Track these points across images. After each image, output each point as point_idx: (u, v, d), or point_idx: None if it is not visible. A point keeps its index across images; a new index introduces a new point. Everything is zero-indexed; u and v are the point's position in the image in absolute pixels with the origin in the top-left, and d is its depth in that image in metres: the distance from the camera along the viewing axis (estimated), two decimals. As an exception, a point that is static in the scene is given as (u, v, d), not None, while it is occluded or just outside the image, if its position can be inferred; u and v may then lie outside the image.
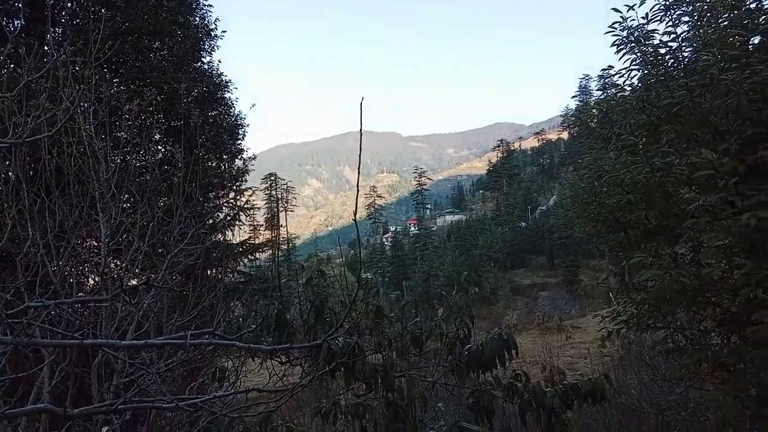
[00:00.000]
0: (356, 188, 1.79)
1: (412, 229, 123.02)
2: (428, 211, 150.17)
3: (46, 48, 8.58)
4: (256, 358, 3.27)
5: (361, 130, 1.59)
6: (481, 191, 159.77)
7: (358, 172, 1.86)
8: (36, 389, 4.71)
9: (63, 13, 8.82)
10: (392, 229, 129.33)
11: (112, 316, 5.28)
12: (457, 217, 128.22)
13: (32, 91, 6.16)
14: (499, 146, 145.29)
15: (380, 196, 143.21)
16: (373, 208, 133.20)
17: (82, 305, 6.98)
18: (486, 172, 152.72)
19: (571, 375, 12.11)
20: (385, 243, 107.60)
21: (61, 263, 5.32)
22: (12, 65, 7.59)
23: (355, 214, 1.67)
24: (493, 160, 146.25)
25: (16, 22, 8.58)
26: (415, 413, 3.32)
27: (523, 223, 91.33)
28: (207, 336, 2.05)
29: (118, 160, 6.31)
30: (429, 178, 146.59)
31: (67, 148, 5.53)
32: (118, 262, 6.51)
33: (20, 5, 7.96)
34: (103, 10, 9.49)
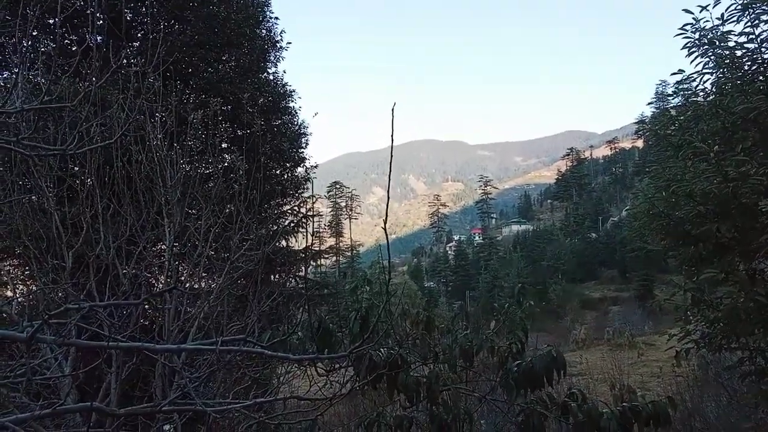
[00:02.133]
0: (386, 194, 1.74)
1: (477, 238, 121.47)
2: (494, 220, 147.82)
3: (125, 61, 9.10)
4: (301, 366, 3.28)
5: (392, 135, 1.55)
6: (549, 201, 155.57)
7: (389, 181, 1.82)
8: (104, 387, 4.95)
9: (139, 28, 9.35)
10: (456, 238, 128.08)
11: (175, 318, 5.49)
12: (523, 227, 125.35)
13: (108, 102, 6.53)
14: (568, 155, 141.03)
15: (444, 205, 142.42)
16: (436, 217, 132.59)
17: (150, 306, 7.30)
18: (554, 181, 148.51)
19: (642, 395, 11.44)
20: (449, 252, 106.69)
21: (130, 266, 5.60)
22: (93, 78, 8.08)
23: (384, 223, 1.62)
24: (562, 169, 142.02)
25: (97, 37, 9.15)
26: (460, 429, 3.21)
27: (594, 234, 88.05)
28: (238, 343, 2.06)
29: (186, 168, 6.58)
30: (495, 187, 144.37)
31: (137, 156, 5.82)
32: (184, 265, 6.77)
33: (101, 22, 8.49)
34: (175, 25, 9.98)
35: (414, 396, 3.18)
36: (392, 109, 1.63)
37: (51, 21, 8.16)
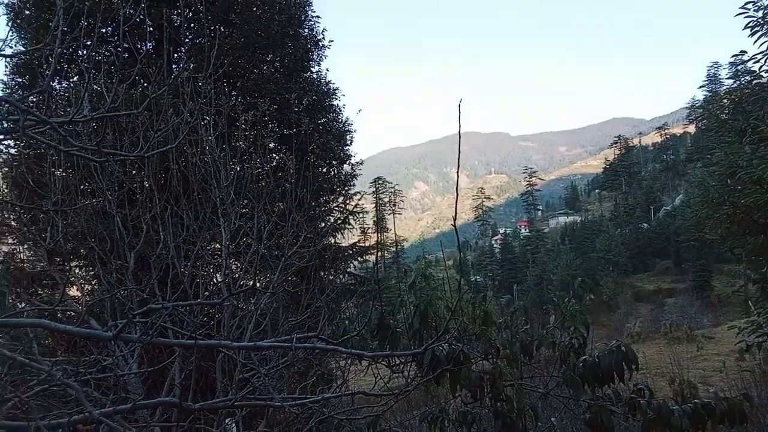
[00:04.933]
0: (455, 190, 1.73)
1: (523, 231, 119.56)
2: (539, 212, 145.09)
3: (173, 66, 9.37)
4: (362, 362, 3.30)
5: (459, 132, 1.53)
6: (596, 191, 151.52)
7: (458, 174, 1.80)
8: (168, 381, 5.12)
9: (187, 33, 9.59)
10: (501, 231, 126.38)
11: (233, 314, 5.63)
12: (570, 218, 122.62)
13: (160, 107, 6.73)
14: (616, 143, 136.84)
15: (488, 198, 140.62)
16: (480, 210, 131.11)
17: (209, 304, 7.50)
18: (602, 170, 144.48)
19: (703, 390, 11.04)
20: (494, 245, 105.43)
21: (188, 264, 5.77)
22: (145, 84, 8.36)
23: (455, 219, 1.61)
24: (610, 158, 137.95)
25: (148, 44, 9.45)
26: (525, 425, 3.16)
27: (645, 225, 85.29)
28: (312, 339, 2.09)
29: (237, 168, 6.73)
30: (540, 178, 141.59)
31: (192, 158, 5.98)
32: (238, 264, 6.93)
33: (151, 29, 8.76)
34: (222, 29, 10.20)
35: (477, 392, 3.15)
36: (459, 105, 1.61)
37: (104, 30, 8.46)
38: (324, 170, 11.75)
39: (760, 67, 4.61)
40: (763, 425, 6.81)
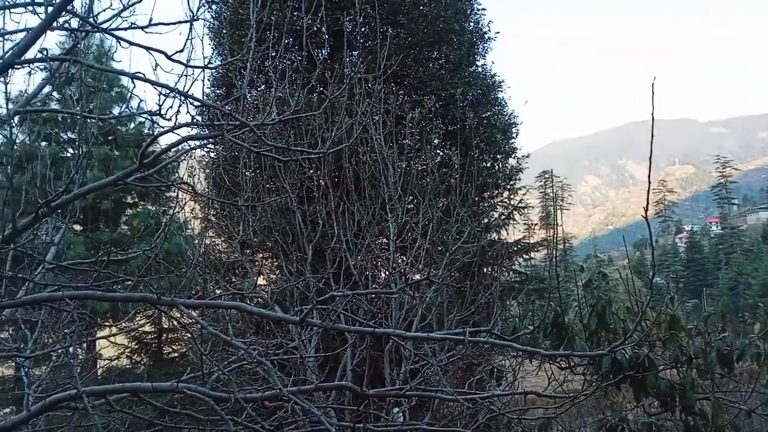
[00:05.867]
0: (647, 180, 1.56)
1: (714, 228, 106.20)
2: (735, 207, 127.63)
3: (345, 70, 9.93)
4: (533, 361, 3.18)
5: (653, 115, 1.37)
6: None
7: (650, 164, 1.63)
8: (341, 367, 5.47)
9: (358, 37, 10.10)
10: (687, 228, 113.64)
11: (399, 307, 5.83)
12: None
13: (336, 108, 7.17)
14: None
15: (671, 191, 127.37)
16: (662, 205, 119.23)
17: (375, 296, 7.86)
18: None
19: None
20: (678, 244, 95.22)
21: (359, 258, 6.10)
22: (321, 88, 8.98)
23: (645, 211, 1.45)
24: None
25: (324, 51, 10.14)
26: (721, 443, 2.79)
27: None
28: (484, 334, 2.06)
29: (403, 165, 6.94)
30: (735, 168, 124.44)
31: (362, 156, 6.30)
32: (404, 258, 7.16)
33: (326, 37, 9.40)
34: (390, 30, 10.56)
35: (667, 402, 2.86)
36: (652, 85, 1.45)
37: (286, 42, 9.26)
38: (488, 165, 11.58)
39: None
40: None
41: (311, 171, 7.56)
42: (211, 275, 6.21)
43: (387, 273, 6.93)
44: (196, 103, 2.93)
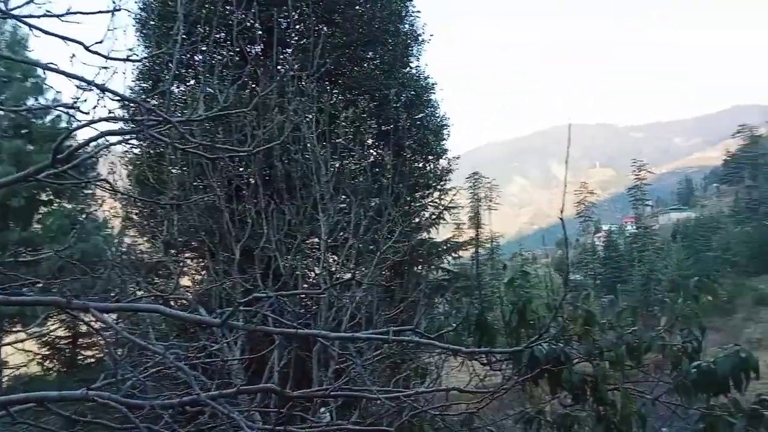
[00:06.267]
0: (564, 182, 1.66)
1: (629, 227, 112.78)
2: (649, 208, 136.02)
3: (279, 68, 9.79)
4: (457, 357, 3.28)
5: (569, 120, 1.46)
6: (714, 185, 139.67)
7: (566, 167, 1.72)
8: (268, 369, 5.39)
9: (292, 35, 9.99)
10: (605, 228, 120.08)
11: (329, 306, 5.82)
12: (684, 214, 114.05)
13: (267, 105, 7.05)
14: (740, 132, 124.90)
15: (591, 193, 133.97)
16: (583, 206, 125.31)
17: (306, 296, 7.79)
18: (721, 163, 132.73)
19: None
20: (597, 243, 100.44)
21: (288, 258, 6.04)
22: (253, 85, 8.82)
23: (561, 213, 1.54)
24: (732, 149, 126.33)
25: (257, 47, 9.95)
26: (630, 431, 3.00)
27: (772, 221, 77.38)
28: (409, 333, 2.11)
29: (336, 165, 6.94)
30: (650, 172, 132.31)
31: (294, 155, 6.24)
32: (336, 257, 7.15)
33: (260, 32, 9.22)
34: (325, 28, 10.51)
35: (579, 394, 3.04)
36: (566, 91, 1.54)
37: (218, 36, 9.02)
38: (420, 165, 11.78)
39: None
40: None
41: (241, 169, 7.41)
42: (132, 276, 5.95)
43: (317, 273, 6.91)
44: (117, 97, 2.80)
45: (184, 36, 2.91)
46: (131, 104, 3.22)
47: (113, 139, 3.48)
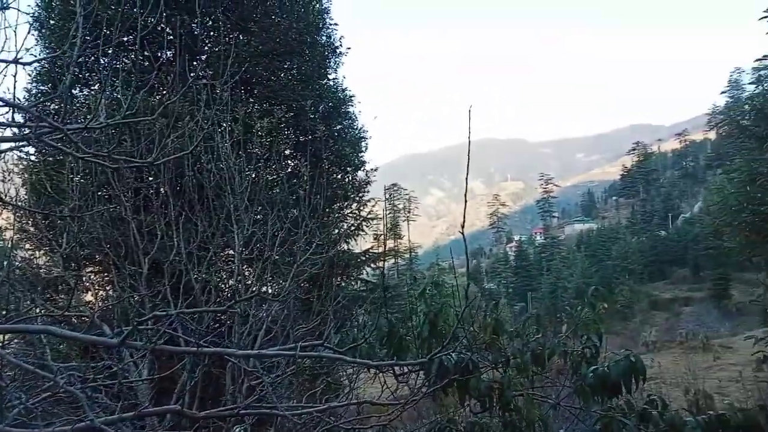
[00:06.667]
0: (464, 198, 1.72)
1: (538, 238, 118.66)
2: (555, 219, 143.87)
3: (191, 75, 9.47)
4: (370, 370, 3.28)
5: (469, 139, 1.52)
6: (614, 198, 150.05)
7: (466, 182, 1.79)
8: (179, 388, 5.14)
9: (206, 41, 9.71)
10: (516, 239, 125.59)
11: (244, 321, 5.65)
12: (587, 225, 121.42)
13: (180, 114, 6.78)
14: (634, 149, 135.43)
15: (503, 205, 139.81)
16: (496, 217, 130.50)
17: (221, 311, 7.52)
18: (619, 177, 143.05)
19: (719, 401, 10.82)
20: (509, 252, 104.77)
21: (201, 271, 5.81)
22: (164, 92, 8.46)
23: (462, 226, 1.60)
24: (628, 165, 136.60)
25: (168, 53, 9.58)
26: (534, 436, 3.12)
27: (663, 232, 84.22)
28: (319, 348, 2.09)
29: (252, 175, 6.78)
30: (556, 185, 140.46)
31: (207, 165, 6.03)
32: (251, 270, 6.97)
33: (171, 37, 8.89)
34: (240, 36, 10.30)
35: (486, 401, 3.13)
36: (469, 111, 1.60)
37: (125, 39, 8.59)
38: (339, 177, 11.78)
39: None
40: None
41: (151, 178, 7.07)
42: (26, 293, 5.49)
43: (231, 286, 6.70)
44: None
45: (88, 38, 2.75)
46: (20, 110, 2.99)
47: (4, 145, 3.22)
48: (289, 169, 9.94)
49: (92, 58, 8.18)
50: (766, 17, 4.48)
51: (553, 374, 4.10)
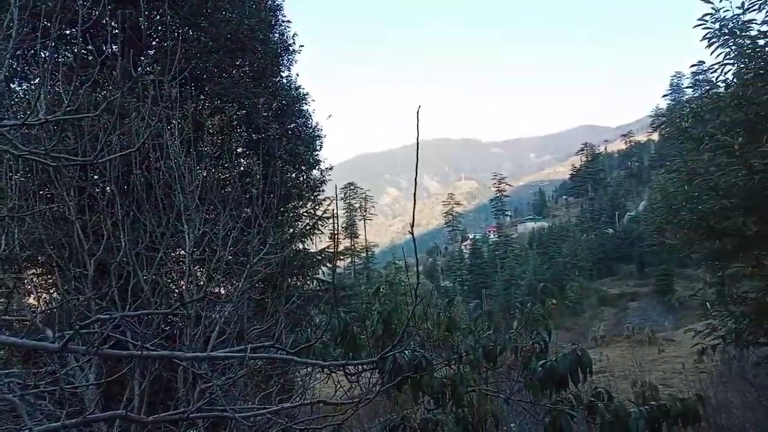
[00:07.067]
0: (413, 198, 1.74)
1: (492, 236, 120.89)
2: (508, 218, 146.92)
3: (138, 70, 9.18)
4: (324, 370, 3.27)
5: (417, 139, 1.53)
6: (564, 197, 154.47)
7: (415, 183, 1.81)
8: (128, 393, 4.98)
9: (154, 36, 9.43)
10: (471, 237, 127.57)
11: (196, 323, 5.52)
12: (539, 224, 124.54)
13: (126, 110, 6.57)
14: (582, 150, 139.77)
15: (458, 204, 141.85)
16: (451, 216, 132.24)
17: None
18: (569, 177, 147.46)
19: (664, 391, 11.34)
20: (464, 250, 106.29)
21: (150, 272, 5.64)
22: (110, 87, 8.17)
23: (412, 226, 1.61)
24: (577, 165, 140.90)
25: (114, 47, 9.26)
26: (486, 430, 3.18)
27: (611, 230, 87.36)
28: (270, 349, 2.07)
29: (203, 174, 6.63)
30: (509, 185, 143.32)
31: (155, 163, 5.86)
32: (203, 270, 6.81)
33: (116, 31, 8.59)
34: (190, 32, 10.06)
35: (439, 398, 3.16)
36: (417, 112, 1.62)
37: (68, 32, 8.26)
38: (293, 176, 11.67)
39: (717, 77, 4.76)
40: (719, 425, 7.01)
41: (95, 177, 6.82)
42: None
43: (182, 287, 6.54)
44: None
45: (28, 30, 2.63)
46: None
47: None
48: (242, 168, 9.79)
49: (31, 51, 7.83)
50: (700, 25, 4.70)
51: (505, 370, 4.19)
